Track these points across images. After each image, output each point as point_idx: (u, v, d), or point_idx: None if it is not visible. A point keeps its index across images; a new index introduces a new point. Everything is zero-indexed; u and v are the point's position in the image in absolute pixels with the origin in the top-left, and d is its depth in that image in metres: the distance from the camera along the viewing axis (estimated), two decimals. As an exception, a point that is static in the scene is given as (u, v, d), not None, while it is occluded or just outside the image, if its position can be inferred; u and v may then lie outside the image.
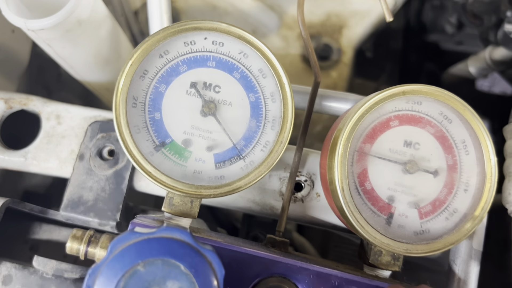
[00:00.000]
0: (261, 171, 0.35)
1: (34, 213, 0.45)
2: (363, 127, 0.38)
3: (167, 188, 0.34)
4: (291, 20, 0.99)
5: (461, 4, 0.91)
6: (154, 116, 0.36)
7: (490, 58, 0.93)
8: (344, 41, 0.99)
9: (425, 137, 0.39)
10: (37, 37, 0.46)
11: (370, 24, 0.99)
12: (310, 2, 1.01)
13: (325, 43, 0.99)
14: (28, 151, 0.46)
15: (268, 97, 0.37)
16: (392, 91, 0.37)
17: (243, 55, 0.37)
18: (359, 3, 0.99)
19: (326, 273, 0.35)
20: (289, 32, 0.98)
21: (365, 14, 0.99)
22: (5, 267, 0.41)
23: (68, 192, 0.43)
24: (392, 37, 1.29)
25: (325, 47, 0.98)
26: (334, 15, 1.00)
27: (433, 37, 1.24)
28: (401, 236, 0.37)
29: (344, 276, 0.35)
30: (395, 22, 1.29)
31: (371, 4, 0.99)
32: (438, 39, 1.23)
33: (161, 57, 0.36)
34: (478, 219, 0.37)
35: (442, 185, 0.38)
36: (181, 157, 0.35)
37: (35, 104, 0.47)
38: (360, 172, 0.38)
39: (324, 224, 0.42)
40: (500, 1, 0.90)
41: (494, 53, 0.91)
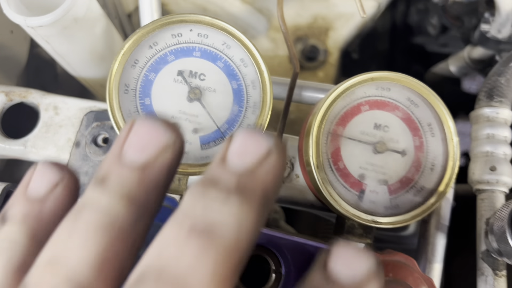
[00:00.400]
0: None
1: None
2: (336, 111, 0.42)
3: (156, 166, 0.37)
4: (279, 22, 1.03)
5: (441, 6, 0.95)
6: (144, 102, 0.39)
7: (468, 57, 0.97)
8: (330, 42, 1.03)
9: (394, 120, 0.42)
10: (36, 34, 0.50)
11: (355, 26, 1.03)
12: (298, 5, 1.05)
13: (312, 44, 1.02)
14: (27, 139, 0.49)
15: (249, 84, 0.41)
16: (361, 78, 0.41)
17: (226, 46, 0.41)
18: (344, 6, 1.03)
19: (303, 242, 0.39)
20: (278, 34, 1.02)
21: (350, 17, 1.03)
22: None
23: (65, 176, 0.46)
24: (378, 39, 1.33)
25: (312, 48, 1.02)
26: (321, 17, 1.04)
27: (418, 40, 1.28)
28: (372, 210, 0.41)
29: (320, 246, 0.39)
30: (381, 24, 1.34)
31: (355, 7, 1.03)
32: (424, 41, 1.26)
33: (150, 48, 0.40)
34: (442, 194, 0.41)
35: (410, 164, 0.42)
36: (169, 139, 0.39)
37: (34, 96, 0.51)
38: (334, 152, 0.41)
39: (304, 203, 0.45)
40: (478, 3, 0.94)
41: (473, 52, 0.95)
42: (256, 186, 0.23)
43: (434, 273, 0.42)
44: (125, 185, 0.24)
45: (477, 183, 0.45)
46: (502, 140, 0.46)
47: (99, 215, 0.23)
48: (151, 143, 0.24)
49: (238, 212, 0.22)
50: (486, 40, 0.87)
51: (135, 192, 0.24)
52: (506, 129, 0.46)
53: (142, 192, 0.24)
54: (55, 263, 0.23)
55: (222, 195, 0.22)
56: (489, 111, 0.47)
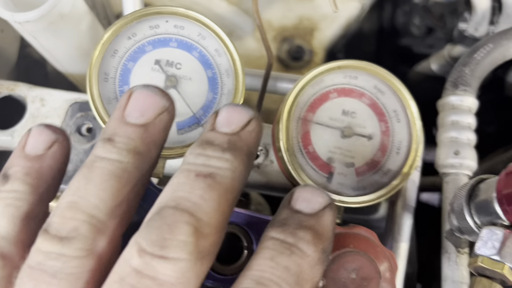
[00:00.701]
0: (216, 135, 0.40)
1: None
2: (305, 98, 0.44)
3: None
4: (265, 23, 1.06)
5: (422, 6, 0.98)
6: (123, 89, 0.42)
7: (449, 56, 0.99)
8: (316, 43, 1.06)
9: (361, 107, 0.45)
10: (23, 30, 0.52)
11: (339, 26, 1.06)
12: (284, 7, 1.08)
13: (297, 44, 1.05)
14: (14, 130, 0.51)
15: (224, 73, 0.43)
16: (328, 66, 0.43)
17: (201, 36, 0.43)
18: (328, 7, 1.05)
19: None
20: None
21: (334, 18, 1.06)
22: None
23: (51, 164, 0.48)
24: (365, 41, 1.36)
25: (298, 48, 1.04)
26: (306, 18, 1.06)
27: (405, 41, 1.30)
28: (340, 192, 0.43)
29: (289, 224, 0.41)
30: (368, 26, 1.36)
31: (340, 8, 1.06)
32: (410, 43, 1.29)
33: (129, 39, 0.42)
34: (406, 175, 0.43)
35: (376, 148, 0.44)
36: (147, 124, 0.41)
37: (21, 89, 0.53)
38: (304, 137, 0.44)
39: (277, 187, 0.48)
40: (457, 3, 0.97)
41: (453, 51, 0.98)
42: (242, 144, 0.30)
43: (401, 252, 0.44)
44: (131, 141, 0.29)
45: (442, 167, 0.47)
46: (466, 126, 0.48)
47: (111, 166, 0.28)
48: (151, 106, 0.30)
49: (232, 163, 0.29)
50: (464, 38, 0.90)
51: (139, 146, 0.29)
52: (469, 116, 0.49)
53: (145, 147, 0.30)
54: (75, 206, 0.27)
55: (218, 150, 0.29)
56: (454, 99, 0.49)
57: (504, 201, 0.35)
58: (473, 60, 0.51)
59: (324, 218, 0.30)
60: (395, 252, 0.44)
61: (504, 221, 0.36)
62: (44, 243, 0.27)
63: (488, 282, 0.35)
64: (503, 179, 0.35)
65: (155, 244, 0.25)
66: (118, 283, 0.26)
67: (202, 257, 0.26)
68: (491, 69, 0.52)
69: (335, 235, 0.36)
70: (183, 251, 0.25)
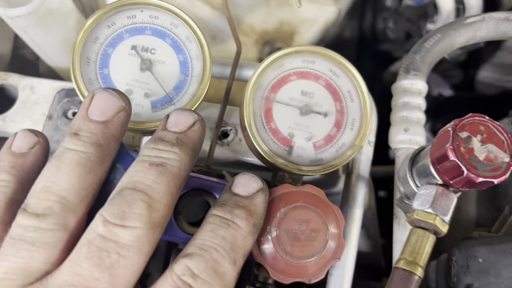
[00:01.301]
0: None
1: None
2: (268, 80, 0.49)
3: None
4: (248, 28, 1.12)
5: (394, 10, 1.04)
6: (103, 72, 0.47)
7: (420, 55, 1.05)
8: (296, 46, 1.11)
9: (318, 88, 0.50)
10: (14, 24, 0.57)
11: (318, 30, 1.11)
12: (265, 12, 1.14)
13: (279, 48, 1.11)
14: (6, 115, 0.56)
15: (194, 57, 0.48)
16: (287, 50, 0.49)
17: (173, 25, 0.48)
18: (306, 12, 1.12)
19: (237, 187, 0.46)
20: (246, 38, 1.10)
21: (313, 22, 1.11)
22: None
23: (39, 144, 0.53)
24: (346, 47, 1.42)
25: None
26: (286, 23, 1.12)
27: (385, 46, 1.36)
28: (299, 163, 0.48)
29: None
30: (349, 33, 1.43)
31: (317, 13, 1.12)
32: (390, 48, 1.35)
33: (109, 27, 0.47)
34: (357, 147, 0.48)
35: (332, 124, 0.49)
36: (125, 103, 0.46)
37: (13, 79, 0.58)
38: (266, 114, 0.49)
39: (244, 163, 0.52)
40: (427, 6, 1.03)
41: (423, 51, 1.03)
42: (188, 140, 0.38)
43: (355, 217, 0.49)
44: (93, 135, 0.36)
45: (394, 142, 0.52)
46: (416, 106, 0.53)
47: (77, 156, 0.35)
48: (110, 107, 0.37)
49: (179, 155, 0.36)
50: (432, 38, 0.95)
51: (100, 140, 0.36)
52: (419, 97, 0.54)
53: (105, 140, 0.36)
54: (48, 189, 0.34)
55: (168, 145, 0.36)
56: (406, 82, 0.55)
57: (435, 162, 0.40)
58: (423, 48, 0.56)
59: (256, 199, 0.39)
60: (350, 217, 0.49)
61: (438, 180, 0.41)
62: (23, 219, 0.33)
63: (422, 232, 0.40)
64: (435, 143, 0.40)
65: (117, 216, 0.32)
66: (87, 245, 0.32)
67: (154, 227, 0.33)
68: (440, 56, 0.58)
69: (288, 193, 0.41)
70: (139, 221, 0.32)
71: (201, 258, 0.34)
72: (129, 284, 0.33)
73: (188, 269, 0.34)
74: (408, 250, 0.39)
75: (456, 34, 0.57)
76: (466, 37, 0.57)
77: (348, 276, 0.47)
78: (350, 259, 0.47)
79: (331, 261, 0.40)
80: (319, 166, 0.47)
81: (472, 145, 0.38)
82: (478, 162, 0.38)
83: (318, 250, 0.40)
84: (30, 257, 0.32)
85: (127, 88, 0.47)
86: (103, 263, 0.31)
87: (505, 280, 0.45)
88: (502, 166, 0.38)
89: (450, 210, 0.40)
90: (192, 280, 0.33)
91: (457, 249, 0.51)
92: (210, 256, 0.34)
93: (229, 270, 0.35)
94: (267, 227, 0.40)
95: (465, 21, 0.58)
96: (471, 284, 0.48)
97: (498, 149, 0.38)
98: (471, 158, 0.38)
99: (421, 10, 1.06)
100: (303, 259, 0.39)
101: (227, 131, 0.54)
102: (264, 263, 0.40)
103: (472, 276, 0.48)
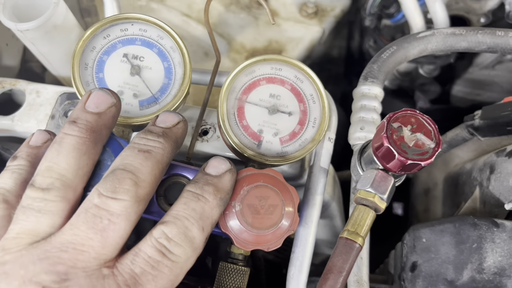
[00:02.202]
0: (169, 108, 0.53)
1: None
2: (241, 84, 0.57)
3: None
4: (239, 45, 1.20)
5: (373, 29, 1.13)
6: (99, 75, 0.55)
7: (397, 71, 1.13)
8: (283, 62, 1.19)
9: (284, 91, 0.58)
10: (24, 37, 0.66)
11: (304, 48, 1.20)
12: (255, 31, 1.23)
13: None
14: (14, 115, 0.64)
15: (177, 64, 0.56)
16: (256, 58, 0.57)
17: (159, 37, 0.57)
18: (293, 31, 1.21)
19: (211, 174, 0.53)
20: (237, 55, 1.19)
21: (299, 40, 1.20)
22: None
23: (43, 140, 0.61)
24: (334, 64, 1.51)
25: (267, 67, 1.17)
26: (274, 41, 1.21)
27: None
28: (267, 155, 0.55)
29: (224, 176, 0.53)
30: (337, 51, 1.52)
31: (303, 32, 1.21)
32: (375, 66, 1.42)
33: (104, 38, 0.56)
34: (317, 141, 0.55)
35: (296, 122, 0.57)
36: (116, 102, 0.54)
37: (21, 84, 0.66)
38: (239, 114, 0.56)
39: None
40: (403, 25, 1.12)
41: (400, 67, 1.12)
42: (172, 134, 0.46)
43: (316, 202, 0.56)
44: (88, 123, 0.44)
45: (352, 139, 0.60)
46: (372, 108, 0.61)
47: (74, 141, 0.43)
48: (104, 102, 0.45)
49: (163, 144, 0.44)
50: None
51: (95, 127, 0.44)
52: (375, 101, 0.62)
53: (98, 128, 0.44)
54: (50, 169, 0.42)
55: (155, 136, 0.44)
56: (364, 88, 0.62)
57: (375, 150, 0.47)
58: (380, 59, 0.64)
59: (224, 178, 0.46)
60: (311, 202, 0.56)
61: (379, 165, 0.48)
62: (31, 192, 0.41)
63: (364, 208, 0.47)
64: (375, 134, 0.48)
65: (109, 190, 0.40)
66: (84, 213, 0.40)
67: (139, 201, 0.41)
68: (396, 66, 0.65)
69: (251, 174, 0.48)
70: (127, 195, 0.40)
71: (175, 225, 0.42)
72: (117, 245, 0.40)
73: (163, 233, 0.41)
74: (351, 222, 0.46)
75: (410, 46, 0.65)
76: (418, 49, 0.65)
77: (308, 252, 0.54)
78: (310, 239, 0.54)
79: (287, 232, 0.48)
80: (283, 157, 0.54)
81: (403, 134, 0.45)
82: (408, 148, 0.45)
83: (275, 222, 0.47)
84: (37, 221, 0.40)
85: (119, 89, 0.55)
86: (97, 227, 0.39)
87: (442, 255, 0.52)
88: (429, 151, 0.45)
89: (388, 190, 0.47)
90: (167, 242, 0.41)
91: (407, 233, 0.58)
92: (182, 224, 0.42)
93: (198, 235, 0.43)
94: (232, 203, 0.47)
95: (418, 35, 0.66)
96: (416, 261, 0.55)
97: (426, 137, 0.46)
98: (402, 144, 0.45)
99: (398, 29, 1.14)
100: (262, 230, 0.47)
101: (206, 129, 0.61)
102: (230, 233, 0.47)
103: (417, 254, 0.55)
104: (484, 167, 0.65)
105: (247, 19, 1.22)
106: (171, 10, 1.16)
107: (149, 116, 0.53)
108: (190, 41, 1.14)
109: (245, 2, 1.24)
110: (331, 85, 1.46)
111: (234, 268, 0.52)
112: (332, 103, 0.59)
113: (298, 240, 0.54)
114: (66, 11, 0.67)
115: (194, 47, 1.14)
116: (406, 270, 0.55)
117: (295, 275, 0.52)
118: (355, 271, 0.53)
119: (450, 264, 0.51)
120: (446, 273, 0.51)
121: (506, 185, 0.58)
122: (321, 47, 1.30)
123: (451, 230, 0.52)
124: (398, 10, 1.08)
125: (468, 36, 0.64)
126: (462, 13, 1.03)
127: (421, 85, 1.22)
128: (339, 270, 0.45)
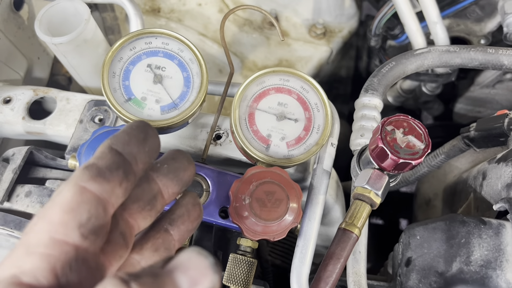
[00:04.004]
0: (187, 113, 0.59)
1: (49, 160, 0.69)
2: (252, 93, 0.63)
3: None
4: (251, 63, 1.27)
5: (378, 49, 1.19)
6: (125, 83, 0.61)
7: (400, 88, 1.19)
8: (293, 79, 1.25)
9: (291, 100, 0.64)
10: (56, 50, 0.73)
11: (313, 66, 1.26)
12: (266, 50, 1.29)
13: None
14: (46, 120, 0.71)
15: (195, 74, 0.63)
16: (266, 70, 0.63)
17: (180, 50, 0.63)
18: (302, 50, 1.27)
19: (224, 172, 0.59)
20: (250, 72, 1.26)
21: (308, 59, 1.27)
22: (27, 187, 0.65)
23: (71, 142, 0.67)
24: (342, 83, 1.57)
25: (278, 84, 1.23)
26: (284, 60, 1.27)
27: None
28: (274, 157, 0.61)
29: (235, 175, 0.59)
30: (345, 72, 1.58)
31: (312, 52, 1.27)
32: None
33: (130, 50, 0.62)
34: (320, 145, 0.61)
35: (301, 128, 0.63)
36: (140, 107, 0.60)
37: (53, 92, 0.73)
38: (250, 119, 0.62)
39: (233, 160, 0.65)
40: (407, 45, 1.18)
41: (403, 84, 1.18)
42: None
43: (319, 201, 0.61)
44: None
45: (353, 145, 0.65)
46: (372, 118, 0.67)
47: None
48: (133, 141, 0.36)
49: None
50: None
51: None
52: (375, 111, 0.67)
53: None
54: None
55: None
56: (364, 99, 0.68)
57: (371, 151, 0.53)
58: (380, 73, 0.70)
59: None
60: (315, 201, 0.61)
61: (374, 165, 0.53)
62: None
63: (360, 202, 0.52)
64: (371, 137, 0.53)
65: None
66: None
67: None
68: (395, 80, 0.71)
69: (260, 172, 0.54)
70: None
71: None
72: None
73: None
74: (349, 215, 0.52)
75: (408, 62, 0.71)
76: (415, 64, 0.71)
77: (311, 245, 0.58)
78: (313, 233, 0.59)
79: (291, 224, 0.53)
80: (289, 159, 0.60)
81: (396, 136, 0.51)
82: (400, 148, 0.50)
83: (281, 215, 0.52)
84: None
85: (142, 96, 0.61)
86: None
87: (434, 250, 0.57)
88: (419, 152, 0.50)
89: (382, 187, 0.52)
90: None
91: (403, 232, 0.63)
92: None
93: None
94: (242, 196, 0.52)
95: (415, 52, 0.72)
96: (411, 256, 0.59)
97: (416, 139, 0.51)
98: (395, 145, 0.50)
99: (402, 49, 1.20)
100: (269, 221, 0.52)
101: (220, 134, 0.67)
102: (240, 223, 0.52)
103: (412, 250, 0.60)
104: (478, 174, 0.70)
105: (259, 39, 1.29)
106: (188, 29, 1.23)
107: (170, 120, 0.59)
108: (205, 58, 1.20)
109: (257, 23, 1.32)
110: (339, 103, 1.52)
111: (243, 259, 0.57)
112: (334, 112, 0.65)
113: (302, 234, 0.59)
114: (95, 28, 0.74)
115: (209, 64, 1.21)
116: (402, 265, 0.60)
117: (298, 266, 0.57)
118: (353, 264, 0.58)
119: (441, 257, 0.55)
120: (437, 266, 0.55)
121: (495, 189, 0.62)
122: (329, 66, 1.37)
123: (443, 227, 0.57)
124: (402, 31, 1.14)
125: (462, 53, 0.69)
126: (463, 34, 1.09)
127: (424, 103, 1.27)
128: (337, 257, 0.50)
